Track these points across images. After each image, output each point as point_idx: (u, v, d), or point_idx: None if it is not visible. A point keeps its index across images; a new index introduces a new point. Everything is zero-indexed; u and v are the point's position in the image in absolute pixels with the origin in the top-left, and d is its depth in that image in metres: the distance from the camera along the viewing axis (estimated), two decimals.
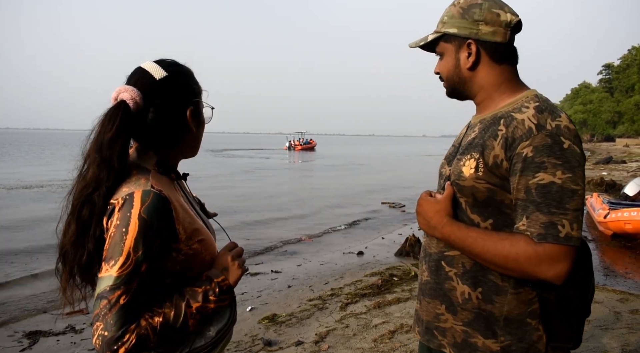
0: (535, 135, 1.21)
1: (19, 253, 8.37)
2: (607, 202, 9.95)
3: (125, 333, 1.09)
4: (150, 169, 1.26)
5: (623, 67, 78.62)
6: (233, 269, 1.32)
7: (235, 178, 22.92)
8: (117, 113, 1.21)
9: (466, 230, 1.29)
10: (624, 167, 25.12)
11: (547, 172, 1.18)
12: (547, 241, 1.17)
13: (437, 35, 1.43)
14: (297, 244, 9.60)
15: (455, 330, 1.37)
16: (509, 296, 1.30)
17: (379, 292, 5.63)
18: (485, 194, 1.29)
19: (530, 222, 1.20)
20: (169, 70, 1.30)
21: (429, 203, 1.39)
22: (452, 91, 1.49)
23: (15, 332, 5.01)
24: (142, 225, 1.13)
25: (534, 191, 1.19)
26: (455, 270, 1.37)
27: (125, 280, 1.10)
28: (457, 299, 1.36)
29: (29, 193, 16.27)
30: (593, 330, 4.14)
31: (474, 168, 1.30)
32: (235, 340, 4.34)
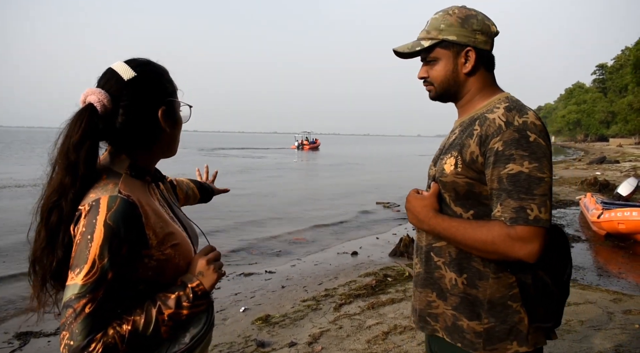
0: (505, 131, 1.36)
1: (9, 253, 8.30)
2: (600, 202, 9.98)
3: (91, 343, 1.07)
4: (121, 173, 1.24)
5: (616, 67, 79.05)
6: (208, 273, 1.27)
7: (235, 178, 22.88)
8: (83, 117, 1.19)
9: (449, 221, 1.44)
10: (618, 167, 25.23)
11: (516, 163, 1.32)
12: (518, 224, 1.30)
13: (433, 42, 1.52)
14: (291, 244, 9.57)
15: (446, 314, 1.51)
16: (490, 281, 1.43)
17: (373, 293, 5.62)
18: (465, 188, 1.44)
19: (503, 208, 1.34)
20: (138, 70, 1.26)
21: (417, 199, 1.53)
22: (443, 94, 1.59)
23: (5, 333, 4.97)
24: (107, 232, 1.10)
25: (505, 181, 1.33)
26: (443, 259, 1.51)
27: (90, 288, 1.08)
28: (446, 286, 1.50)
29: (20, 192, 16.16)
30: (586, 331, 4.14)
31: (453, 164, 1.45)
32: (228, 341, 4.32)
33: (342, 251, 8.55)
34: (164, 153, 1.36)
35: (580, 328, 4.22)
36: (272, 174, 26.47)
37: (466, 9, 1.53)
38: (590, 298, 5.14)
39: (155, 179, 1.37)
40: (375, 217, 12.84)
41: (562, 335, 4.02)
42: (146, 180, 1.32)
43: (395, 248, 8.17)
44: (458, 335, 1.47)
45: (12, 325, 5.24)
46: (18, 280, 6.88)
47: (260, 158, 44.09)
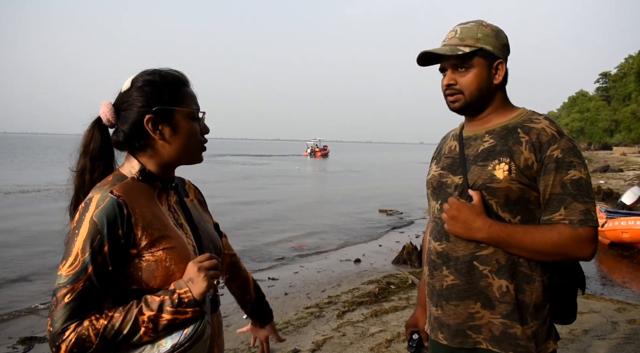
0: (560, 140, 1.44)
1: (14, 258, 8.34)
2: (604, 211, 9.95)
3: (65, 330, 1.13)
4: (129, 176, 1.30)
5: (620, 75, 78.96)
6: (198, 280, 1.23)
7: (237, 184, 22.91)
8: (91, 128, 1.34)
9: (512, 227, 1.46)
10: (621, 176, 25.17)
11: (576, 169, 1.43)
12: (588, 225, 1.40)
13: (473, 49, 1.52)
14: (294, 251, 9.57)
15: (493, 323, 1.49)
16: (536, 284, 1.48)
17: (376, 300, 5.62)
18: (518, 193, 1.46)
19: (568, 211, 1.42)
20: (132, 81, 1.33)
21: (469, 208, 1.48)
22: (472, 103, 1.56)
23: (10, 338, 4.99)
24: (91, 228, 1.18)
25: (569, 186, 1.42)
26: (489, 267, 1.49)
27: (71, 279, 1.15)
28: (494, 294, 1.49)
29: (26, 198, 16.23)
30: (590, 340, 4.13)
31: (507, 171, 1.46)
32: (232, 348, 4.32)
33: (345, 259, 8.56)
34: (174, 160, 1.37)
35: (585, 337, 4.21)
36: (274, 181, 26.50)
37: (494, 24, 1.59)
38: (594, 308, 5.13)
39: (166, 187, 1.39)
40: (378, 224, 12.84)
41: (567, 344, 4.02)
42: (155, 186, 1.34)
43: (398, 256, 8.17)
44: (509, 343, 1.47)
45: (16, 330, 5.27)
46: (21, 286, 6.92)
47: (263, 164, 44.15)
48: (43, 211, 13.30)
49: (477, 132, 1.59)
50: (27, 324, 5.49)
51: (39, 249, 8.98)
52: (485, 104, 1.58)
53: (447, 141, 1.72)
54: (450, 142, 1.68)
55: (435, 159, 1.75)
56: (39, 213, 13.01)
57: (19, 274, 7.46)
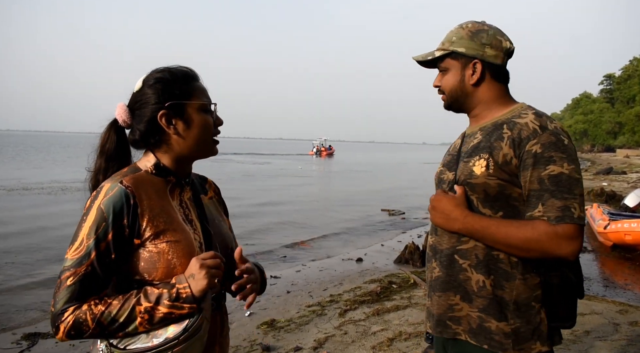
0: (541, 134, 1.42)
1: (18, 255, 8.37)
2: (607, 213, 9.94)
3: (64, 312, 1.18)
4: (142, 169, 1.36)
5: (624, 77, 78.79)
6: (199, 277, 1.23)
7: (240, 184, 22.93)
8: (107, 130, 1.40)
9: (487, 219, 1.47)
10: (624, 178, 25.13)
11: (556, 164, 1.39)
12: (565, 222, 1.37)
13: (444, 53, 1.61)
14: (296, 250, 9.59)
15: (471, 316, 1.52)
16: (517, 282, 1.47)
17: (377, 299, 5.63)
18: (496, 189, 1.47)
19: (546, 208, 1.39)
20: (144, 80, 1.37)
21: (448, 199, 1.54)
22: (452, 104, 1.67)
23: (13, 334, 5.01)
24: (97, 215, 1.22)
25: (547, 181, 1.39)
26: (468, 261, 1.52)
27: (75, 263, 1.20)
28: (472, 288, 1.51)
29: (29, 195, 16.28)
30: (592, 342, 4.14)
31: (484, 166, 1.48)
32: (234, 345, 4.34)
33: (347, 258, 8.56)
34: (190, 154, 1.40)
35: (586, 338, 4.22)
36: (277, 180, 26.53)
37: (480, 24, 1.61)
38: (596, 309, 5.13)
39: (180, 182, 1.42)
40: (380, 224, 12.85)
41: (568, 345, 4.02)
42: (168, 180, 1.38)
43: (400, 255, 8.17)
44: (484, 337, 1.49)
45: (19, 326, 5.29)
46: (25, 283, 6.96)
47: (264, 164, 44.17)
48: (47, 208, 13.37)
49: (473, 129, 1.64)
50: (30, 319, 5.52)
51: (42, 245, 9.02)
52: (465, 103, 1.63)
53: (457, 139, 1.79)
54: (457, 140, 1.75)
55: (444, 156, 1.81)
56: (43, 210, 13.08)
57: (22, 270, 7.50)
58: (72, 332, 1.17)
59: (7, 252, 8.51)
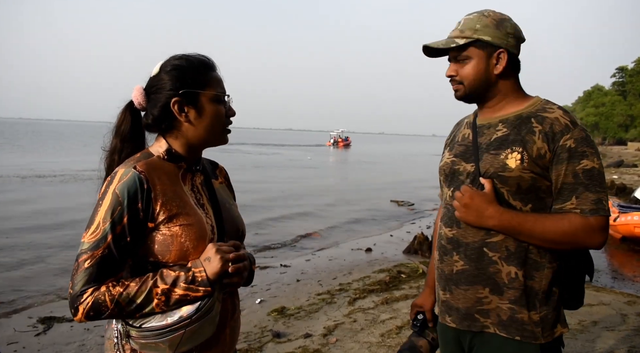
0: (573, 130, 1.45)
1: (32, 241, 8.52)
2: (617, 205, 9.92)
3: (83, 293, 1.21)
4: (154, 154, 1.38)
5: (637, 70, 77.74)
6: (214, 260, 1.28)
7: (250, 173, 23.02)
8: (123, 111, 1.43)
9: (523, 215, 1.48)
10: (635, 171, 24.95)
11: (589, 159, 1.44)
12: (599, 214, 1.42)
13: (469, 40, 1.55)
14: (306, 239, 9.67)
15: (501, 308, 1.53)
16: (545, 271, 1.51)
17: (386, 288, 5.69)
18: (529, 182, 1.48)
19: (580, 201, 1.43)
20: (162, 65, 1.40)
21: (481, 196, 1.51)
22: (471, 94, 1.61)
23: (30, 318, 5.13)
24: (113, 200, 1.25)
25: (581, 175, 1.43)
26: (499, 254, 1.52)
27: (92, 246, 1.23)
28: (502, 280, 1.52)
29: (42, 183, 16.47)
30: (600, 332, 4.18)
31: (519, 160, 1.48)
32: (245, 331, 4.42)
33: (356, 248, 8.63)
34: (201, 142, 1.44)
35: (594, 328, 4.25)
36: (288, 171, 26.58)
37: (499, 13, 1.57)
38: (604, 300, 5.16)
39: (191, 167, 1.45)
40: (389, 215, 12.89)
41: (576, 335, 4.06)
42: (180, 166, 1.41)
43: (409, 246, 8.22)
44: (516, 328, 1.50)
45: (36, 310, 5.41)
46: (41, 267, 7.08)
47: (274, 154, 44.22)
48: (61, 196, 13.53)
49: (490, 120, 1.61)
50: (46, 304, 5.63)
51: (56, 230, 9.16)
52: (487, 94, 1.60)
53: (460, 128, 1.74)
54: (464, 130, 1.70)
55: (448, 146, 1.76)
56: (57, 197, 13.24)
57: (37, 256, 7.63)
58: (91, 313, 1.21)
59: (21, 237, 8.67)
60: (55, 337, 4.61)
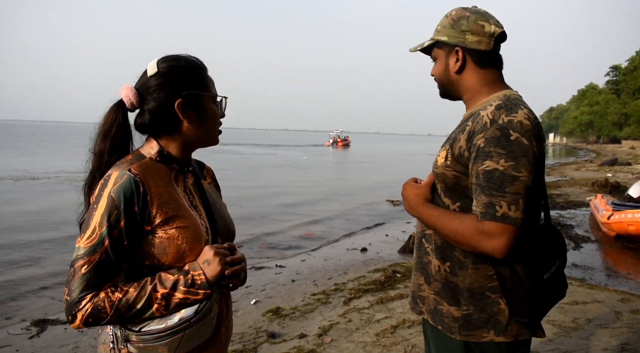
0: (488, 128, 1.40)
1: (26, 243, 8.47)
2: (611, 203, 9.96)
3: (82, 300, 1.19)
4: (147, 156, 1.36)
5: (630, 69, 78.13)
6: (213, 263, 1.30)
7: (245, 173, 22.99)
8: (112, 111, 1.39)
9: (433, 210, 1.53)
10: (629, 169, 25.06)
11: (492, 160, 1.36)
12: (486, 219, 1.35)
13: (431, 42, 1.64)
14: (301, 239, 9.65)
15: (430, 298, 1.60)
16: (469, 271, 1.50)
17: (382, 288, 5.69)
18: (453, 180, 1.50)
19: (477, 203, 1.40)
20: (160, 66, 1.37)
21: (412, 187, 1.63)
22: (443, 92, 1.70)
23: (23, 320, 5.10)
24: (109, 203, 1.23)
25: (481, 176, 1.38)
26: (430, 246, 1.60)
27: (88, 251, 1.21)
28: (431, 271, 1.59)
29: (36, 185, 16.39)
30: (593, 329, 4.19)
31: (444, 157, 1.52)
32: (240, 332, 4.41)
33: (351, 247, 8.62)
34: (195, 143, 1.44)
35: (588, 326, 4.26)
36: (283, 171, 26.57)
37: (464, 10, 1.58)
38: (598, 298, 5.17)
39: (183, 169, 1.45)
40: (385, 214, 12.88)
41: (570, 332, 4.07)
42: (172, 167, 1.41)
43: (404, 245, 8.22)
44: (438, 318, 1.56)
45: (29, 312, 5.38)
46: (34, 270, 7.04)
47: (269, 155, 44.19)
48: (54, 196, 13.47)
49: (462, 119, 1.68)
50: (39, 306, 5.60)
51: (50, 234, 9.11)
52: (455, 91, 1.65)
53: None
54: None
55: None
56: (50, 198, 13.18)
57: (30, 257, 7.59)
58: (90, 320, 1.19)
59: (15, 240, 8.61)
60: (49, 339, 4.58)
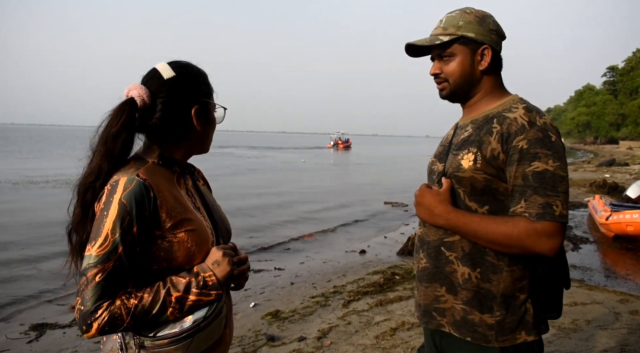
0: (528, 130, 1.40)
1: (24, 246, 8.46)
2: (609, 204, 9.97)
3: (98, 309, 1.17)
4: (149, 160, 1.36)
5: (627, 69, 78.34)
6: (223, 263, 1.32)
7: (244, 176, 22.99)
8: (124, 109, 1.32)
9: (470, 215, 1.47)
10: (627, 169, 25.12)
11: (541, 161, 1.38)
12: (545, 219, 1.36)
13: (453, 37, 1.54)
14: (300, 242, 9.65)
15: (455, 309, 1.53)
16: (504, 274, 1.47)
17: (381, 290, 5.69)
18: (483, 183, 1.47)
19: (528, 204, 1.38)
20: (177, 71, 1.37)
21: (432, 194, 1.54)
22: (456, 91, 1.60)
23: (21, 324, 5.09)
24: (120, 209, 1.21)
25: (531, 178, 1.38)
26: (455, 253, 1.52)
27: (101, 259, 1.19)
28: (457, 280, 1.52)
29: (34, 188, 16.36)
30: (593, 330, 4.19)
31: (472, 160, 1.48)
32: (239, 335, 4.40)
33: (350, 250, 8.62)
34: (195, 149, 1.46)
35: (587, 327, 4.26)
36: (281, 174, 26.57)
37: (481, 10, 1.57)
38: (597, 299, 5.18)
39: (183, 172, 1.46)
40: (383, 216, 12.89)
41: (569, 334, 4.07)
42: (174, 170, 1.41)
43: (403, 247, 8.22)
44: (467, 330, 1.50)
45: (28, 317, 5.37)
46: (32, 274, 7.03)
47: (266, 157, 44.18)
48: (53, 201, 13.42)
49: (465, 121, 1.63)
50: (38, 311, 5.58)
51: (48, 239, 9.08)
52: (471, 91, 1.59)
53: (449, 129, 1.78)
54: (449, 131, 1.73)
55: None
56: (48, 202, 13.15)
57: (28, 261, 7.58)
58: (106, 328, 1.18)
59: (13, 244, 8.61)
60: (48, 343, 4.57)
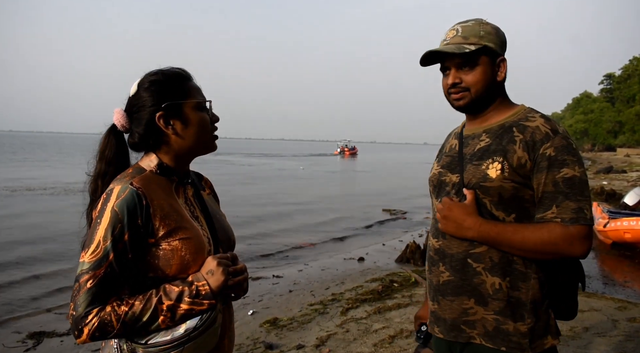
0: (554, 138, 1.45)
1: (22, 254, 8.43)
2: (606, 211, 9.99)
3: (88, 314, 1.19)
4: (147, 169, 1.38)
5: (624, 77, 78.59)
6: (217, 273, 1.31)
7: (242, 182, 22.97)
8: (107, 135, 1.43)
9: (502, 225, 1.48)
10: (624, 176, 25.16)
11: (569, 167, 1.42)
12: (579, 223, 1.40)
13: (479, 47, 1.53)
14: (299, 249, 9.65)
15: (487, 319, 1.52)
16: (532, 281, 1.49)
17: (379, 298, 5.69)
18: (511, 192, 1.48)
19: (560, 210, 1.42)
20: (139, 84, 1.41)
21: (460, 208, 1.52)
22: (477, 102, 1.58)
23: (19, 333, 5.07)
24: (112, 217, 1.24)
25: (562, 184, 1.42)
26: (483, 264, 1.52)
27: (93, 266, 1.22)
28: (487, 291, 1.51)
29: (32, 196, 16.34)
30: (591, 338, 4.19)
31: (499, 169, 1.48)
32: (237, 343, 4.39)
33: (348, 257, 8.62)
34: (187, 153, 1.45)
35: (585, 334, 4.27)
36: (279, 182, 26.57)
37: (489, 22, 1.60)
38: (595, 306, 5.18)
39: (182, 180, 1.47)
40: (382, 224, 12.90)
41: (567, 341, 4.07)
42: (172, 179, 1.42)
43: (402, 255, 8.22)
44: (501, 339, 1.49)
45: (25, 325, 5.35)
46: (30, 282, 7.02)
47: (264, 165, 44.19)
48: (51, 209, 13.43)
49: (475, 131, 1.62)
50: (35, 319, 5.56)
51: (46, 246, 9.07)
52: (489, 101, 1.59)
53: (449, 139, 1.76)
54: (452, 140, 1.72)
55: (437, 157, 1.78)
56: (46, 211, 13.15)
57: (26, 269, 7.55)
58: (96, 334, 1.19)
59: (11, 252, 8.57)
60: (45, 352, 4.55)
